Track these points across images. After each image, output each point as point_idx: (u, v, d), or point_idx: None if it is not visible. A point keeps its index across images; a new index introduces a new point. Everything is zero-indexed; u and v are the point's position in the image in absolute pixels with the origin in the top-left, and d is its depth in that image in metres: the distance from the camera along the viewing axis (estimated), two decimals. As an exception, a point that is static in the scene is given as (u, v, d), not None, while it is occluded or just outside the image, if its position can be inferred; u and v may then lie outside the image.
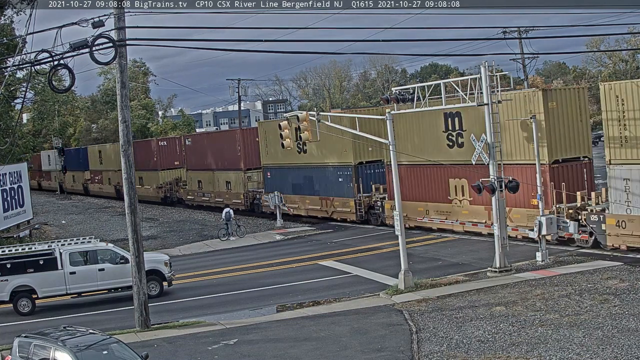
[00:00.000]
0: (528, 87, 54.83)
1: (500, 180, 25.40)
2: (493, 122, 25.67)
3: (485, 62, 25.38)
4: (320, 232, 39.66)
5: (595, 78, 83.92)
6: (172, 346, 19.62)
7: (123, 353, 15.20)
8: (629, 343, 16.56)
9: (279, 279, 28.22)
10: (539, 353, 16.51)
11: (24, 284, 25.34)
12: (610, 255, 26.61)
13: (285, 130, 28.00)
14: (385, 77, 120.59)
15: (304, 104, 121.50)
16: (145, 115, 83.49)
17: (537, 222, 26.31)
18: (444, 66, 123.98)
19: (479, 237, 32.03)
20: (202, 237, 41.74)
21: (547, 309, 20.13)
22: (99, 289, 26.12)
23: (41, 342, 15.33)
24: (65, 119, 77.06)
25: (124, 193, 22.30)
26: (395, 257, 25.80)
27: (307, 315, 22.09)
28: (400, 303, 22.50)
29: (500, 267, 25.32)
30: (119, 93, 21.82)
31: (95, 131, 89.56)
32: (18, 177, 41.30)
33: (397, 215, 24.87)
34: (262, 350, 18.65)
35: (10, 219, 39.84)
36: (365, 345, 18.29)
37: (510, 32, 53.39)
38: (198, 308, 24.72)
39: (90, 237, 27.81)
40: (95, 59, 19.37)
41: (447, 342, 17.96)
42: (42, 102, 50.08)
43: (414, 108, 27.31)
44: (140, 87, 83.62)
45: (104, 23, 19.31)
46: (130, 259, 22.46)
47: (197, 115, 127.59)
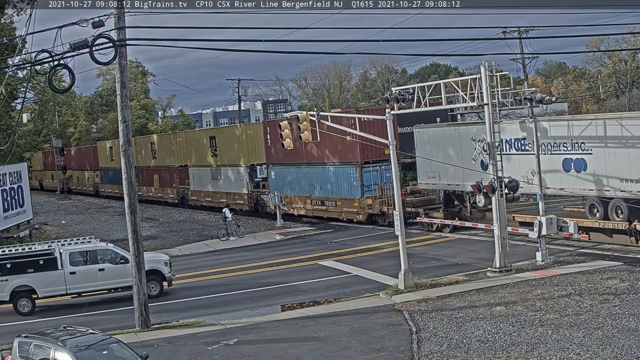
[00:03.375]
0: (528, 87, 54.82)
1: (500, 180, 25.43)
2: (492, 122, 25.68)
3: (485, 62, 25.39)
4: (320, 232, 39.68)
5: (595, 78, 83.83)
6: (172, 346, 19.61)
7: (123, 353, 15.19)
8: (629, 343, 16.56)
9: (279, 279, 28.22)
10: (539, 353, 16.51)
11: (24, 284, 25.33)
12: (610, 255, 26.63)
13: (285, 130, 28.00)
14: (385, 77, 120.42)
15: (304, 104, 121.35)
16: (145, 115, 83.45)
17: (537, 222, 26.33)
18: (444, 66, 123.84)
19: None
20: (202, 237, 41.74)
21: (547, 309, 20.13)
22: (99, 289, 26.12)
23: (41, 342, 15.32)
24: (66, 119, 77.09)
25: (124, 193, 22.29)
26: (395, 257, 25.81)
27: (307, 315, 22.08)
28: (400, 303, 22.49)
29: (500, 267, 25.32)
30: (119, 93, 21.81)
31: (95, 131, 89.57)
32: (18, 177, 41.30)
33: (397, 215, 24.86)
34: (262, 350, 18.64)
35: (10, 219, 39.84)
36: (365, 345, 18.29)
37: (510, 32, 53.38)
38: (198, 308, 24.71)
39: (90, 237, 27.82)
40: (95, 59, 19.35)
41: (447, 342, 17.96)
42: (42, 102, 50.05)
43: (414, 108, 27.33)
44: (140, 87, 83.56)
45: (104, 23, 19.30)
46: (130, 259, 22.45)
47: (197, 115, 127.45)
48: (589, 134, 27.97)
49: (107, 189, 70.33)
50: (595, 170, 27.52)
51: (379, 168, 38.28)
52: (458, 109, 38.61)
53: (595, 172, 27.52)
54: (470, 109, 35.22)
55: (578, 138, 28.34)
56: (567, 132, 28.84)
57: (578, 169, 28.25)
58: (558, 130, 29.27)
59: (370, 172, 38.52)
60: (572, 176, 28.53)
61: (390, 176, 32.80)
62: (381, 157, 36.28)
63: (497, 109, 27.10)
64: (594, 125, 27.77)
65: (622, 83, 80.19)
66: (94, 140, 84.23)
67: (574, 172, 28.41)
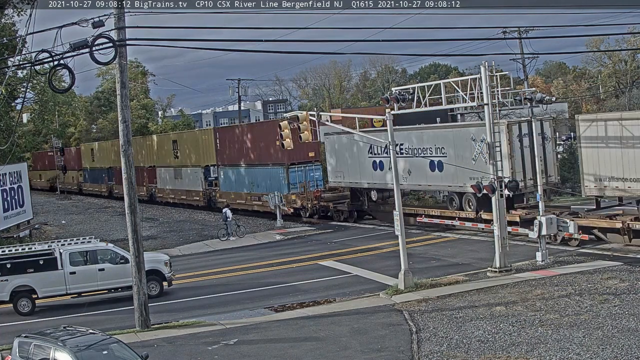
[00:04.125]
0: (528, 87, 54.80)
1: (500, 180, 25.42)
2: (493, 121, 25.68)
3: (485, 62, 25.39)
4: (320, 232, 39.71)
5: (595, 78, 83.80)
6: (172, 346, 19.61)
7: (123, 353, 15.19)
8: (629, 343, 16.57)
9: (279, 279, 28.22)
10: (539, 353, 16.51)
11: (24, 284, 25.33)
12: (610, 255, 26.63)
13: (285, 130, 27.99)
14: (385, 77, 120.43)
15: (304, 104, 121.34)
16: (145, 115, 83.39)
17: (537, 222, 26.33)
18: (444, 66, 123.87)
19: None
20: (202, 237, 41.74)
21: (547, 309, 20.13)
22: (99, 289, 26.11)
23: (41, 342, 15.32)
24: (66, 119, 77.10)
25: (124, 193, 22.28)
26: (395, 257, 25.81)
27: (307, 315, 22.08)
28: (400, 303, 22.49)
29: (500, 267, 25.32)
30: (119, 93, 21.80)
31: (95, 131, 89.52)
32: (18, 177, 41.30)
33: (397, 215, 24.85)
34: (262, 350, 18.64)
35: (10, 219, 39.84)
36: (365, 345, 18.29)
37: (510, 32, 53.31)
38: (198, 308, 24.71)
39: (90, 237, 27.81)
40: (95, 59, 19.34)
41: (447, 342, 17.96)
42: (42, 102, 50.03)
43: (414, 108, 27.37)
44: (140, 87, 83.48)
45: (104, 23, 19.28)
46: (130, 259, 22.44)
47: (197, 115, 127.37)
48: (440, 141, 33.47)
49: (89, 187, 77.45)
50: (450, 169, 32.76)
51: (304, 169, 43.90)
52: (458, 109, 38.88)
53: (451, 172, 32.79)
54: (470, 109, 35.36)
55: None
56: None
57: (440, 169, 33.77)
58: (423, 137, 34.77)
59: (296, 172, 43.87)
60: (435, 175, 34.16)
61: (313, 175, 43.80)
62: (305, 159, 43.46)
63: (497, 109, 27.12)
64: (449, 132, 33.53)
65: (622, 83, 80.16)
66: (94, 140, 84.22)
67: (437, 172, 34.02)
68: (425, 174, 34.95)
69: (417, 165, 35.11)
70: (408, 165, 35.40)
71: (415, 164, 35.19)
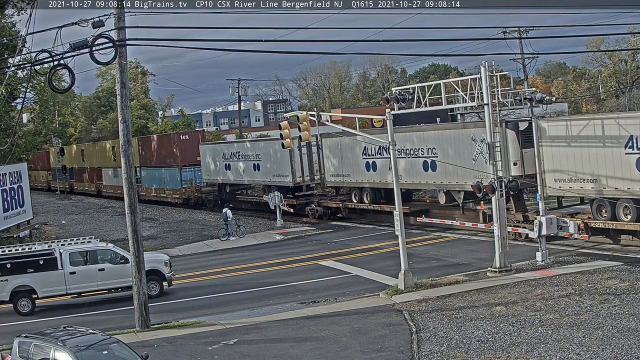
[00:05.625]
0: (528, 87, 54.80)
1: (500, 180, 25.42)
2: (493, 121, 25.67)
3: (485, 62, 25.38)
4: (320, 232, 39.72)
5: (595, 78, 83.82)
6: (172, 346, 19.62)
7: (123, 353, 15.19)
8: (629, 343, 16.57)
9: (279, 279, 28.22)
10: (539, 353, 16.51)
11: (24, 284, 25.31)
12: (610, 255, 26.65)
13: (285, 130, 27.98)
14: (385, 77, 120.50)
15: (304, 104, 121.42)
16: (145, 116, 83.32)
17: (537, 222, 26.33)
18: (444, 66, 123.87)
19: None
20: (202, 237, 41.73)
21: (547, 309, 20.14)
22: (99, 289, 26.11)
23: (41, 342, 15.32)
24: (66, 119, 77.19)
25: (124, 193, 22.27)
26: (395, 257, 25.81)
27: (307, 315, 22.09)
28: (400, 303, 22.50)
29: (500, 267, 25.33)
30: (118, 93, 21.80)
31: (95, 131, 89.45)
32: (18, 177, 41.27)
33: (397, 215, 24.86)
34: (262, 350, 18.65)
35: (10, 219, 39.81)
36: (365, 345, 18.30)
37: (510, 32, 53.34)
38: (198, 308, 24.71)
39: (90, 237, 27.80)
40: (95, 59, 19.35)
41: (447, 342, 17.96)
42: (42, 102, 50.01)
43: (414, 108, 27.35)
44: (140, 87, 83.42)
45: (104, 23, 19.28)
46: (130, 259, 22.44)
47: (197, 115, 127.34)
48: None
49: (56, 184, 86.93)
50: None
51: (193, 169, 56.11)
52: (458, 109, 38.94)
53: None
54: (470, 109, 35.39)
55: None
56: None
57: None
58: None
59: (187, 172, 56.26)
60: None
61: (202, 174, 55.52)
62: (193, 162, 55.87)
63: (497, 109, 27.12)
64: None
65: (622, 83, 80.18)
66: (94, 140, 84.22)
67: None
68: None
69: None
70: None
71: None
